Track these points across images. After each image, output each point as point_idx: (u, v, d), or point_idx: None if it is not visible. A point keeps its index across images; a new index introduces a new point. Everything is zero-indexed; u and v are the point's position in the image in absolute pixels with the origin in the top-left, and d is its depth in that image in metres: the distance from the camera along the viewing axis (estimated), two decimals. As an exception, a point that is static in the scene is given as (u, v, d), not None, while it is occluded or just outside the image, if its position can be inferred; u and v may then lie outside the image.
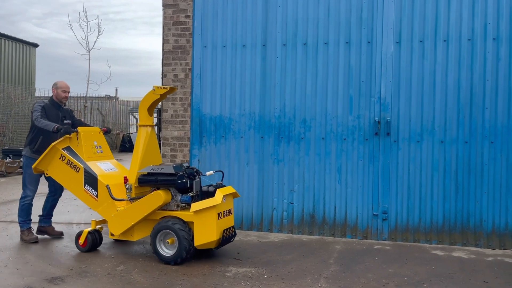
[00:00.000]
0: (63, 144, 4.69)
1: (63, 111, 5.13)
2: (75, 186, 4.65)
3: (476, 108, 4.96)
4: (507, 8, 4.88)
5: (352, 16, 5.26)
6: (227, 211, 4.37)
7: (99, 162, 4.74)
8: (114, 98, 24.17)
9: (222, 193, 4.23)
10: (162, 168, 4.34)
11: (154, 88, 4.47)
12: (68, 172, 4.64)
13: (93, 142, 4.80)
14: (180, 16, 5.73)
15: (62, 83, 5.10)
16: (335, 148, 5.31)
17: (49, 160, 4.74)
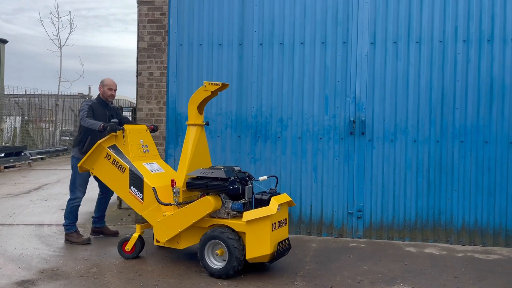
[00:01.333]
0: (109, 142, 4.42)
1: (111, 109, 4.98)
2: (120, 187, 4.40)
3: (447, 108, 5.10)
4: (477, 11, 5.03)
5: (328, 16, 5.31)
6: (282, 221, 3.95)
7: (146, 163, 4.43)
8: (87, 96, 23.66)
9: (277, 202, 3.80)
10: (213, 172, 3.98)
11: (205, 85, 4.13)
12: (113, 172, 4.39)
13: (139, 141, 4.50)
14: (155, 13, 5.65)
15: (109, 80, 4.93)
16: (311, 147, 5.35)
17: (94, 158, 4.50)
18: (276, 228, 3.84)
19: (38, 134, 16.41)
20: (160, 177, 4.34)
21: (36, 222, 5.90)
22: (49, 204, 7.06)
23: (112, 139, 4.43)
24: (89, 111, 4.70)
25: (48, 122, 17.70)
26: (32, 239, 5.05)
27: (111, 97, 4.92)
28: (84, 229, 5.56)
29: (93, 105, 4.81)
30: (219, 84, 4.12)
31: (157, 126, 4.97)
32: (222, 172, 3.96)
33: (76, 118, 18.65)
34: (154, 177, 4.28)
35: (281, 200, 3.90)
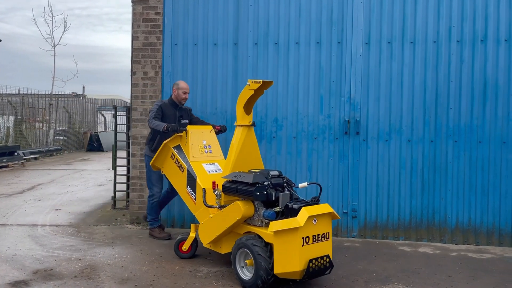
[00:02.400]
0: (174, 142, 4.49)
1: (181, 110, 5.02)
2: (180, 186, 4.43)
3: (441, 108, 5.12)
4: (471, 12, 5.06)
5: (322, 16, 5.32)
6: (320, 235, 3.52)
7: (206, 163, 4.37)
8: (81, 96, 23.55)
9: (307, 213, 3.41)
10: (243, 176, 3.80)
11: (248, 83, 3.96)
12: (176, 171, 4.45)
13: (201, 141, 4.49)
14: (150, 13, 5.63)
15: (183, 84, 5.01)
16: (306, 147, 5.36)
17: (162, 158, 4.61)
18: (310, 242, 3.44)
19: (31, 134, 16.30)
20: (217, 178, 4.19)
21: (30, 222, 5.86)
22: (42, 204, 7.02)
23: (177, 139, 4.50)
24: (157, 112, 4.81)
25: (41, 122, 17.58)
26: (26, 240, 5.02)
27: (184, 100, 4.99)
28: (78, 229, 5.53)
29: (163, 106, 4.89)
30: (260, 81, 3.91)
31: (224, 127, 4.89)
32: (251, 176, 3.74)
33: (70, 117, 18.56)
34: (209, 178, 4.19)
35: (314, 212, 3.48)
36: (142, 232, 5.37)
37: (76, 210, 6.65)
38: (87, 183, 9.45)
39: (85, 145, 18.41)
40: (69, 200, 7.41)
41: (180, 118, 4.89)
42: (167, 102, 4.98)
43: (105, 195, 7.90)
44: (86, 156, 15.91)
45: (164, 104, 4.94)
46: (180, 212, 5.60)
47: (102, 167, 12.55)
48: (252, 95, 3.98)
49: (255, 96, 4.06)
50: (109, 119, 21.86)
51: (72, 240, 5.04)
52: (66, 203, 7.19)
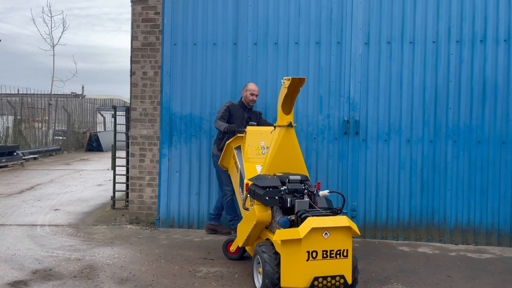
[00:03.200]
0: (236, 143, 4.55)
1: (250, 113, 5.08)
2: (236, 187, 4.50)
3: (441, 108, 5.13)
4: (470, 12, 5.07)
5: (322, 16, 5.32)
6: (334, 252, 3.15)
7: (260, 165, 4.15)
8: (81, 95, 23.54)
9: (312, 224, 3.11)
10: (261, 179, 3.64)
11: (283, 81, 3.79)
12: (234, 171, 4.49)
13: (259, 142, 4.37)
14: (149, 12, 5.63)
15: (252, 85, 5.06)
16: (306, 147, 5.36)
17: (227, 158, 4.71)
18: (317, 258, 3.12)
19: (30, 134, 16.28)
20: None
21: (29, 222, 5.86)
22: (42, 204, 7.01)
23: (239, 140, 4.52)
24: (224, 113, 4.96)
25: (41, 122, 17.56)
26: (25, 240, 5.01)
27: (252, 101, 5.03)
28: (77, 229, 5.53)
29: (231, 107, 5.01)
30: (289, 79, 3.68)
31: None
32: (266, 180, 3.58)
33: (69, 117, 18.54)
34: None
35: (324, 224, 3.15)
36: (141, 232, 5.37)
37: (75, 210, 6.65)
38: (86, 183, 9.44)
39: (84, 145, 18.40)
40: (69, 200, 7.40)
41: (248, 120, 4.94)
42: (237, 104, 5.07)
43: (104, 195, 7.89)
44: (86, 156, 15.90)
45: (233, 105, 5.05)
46: (180, 212, 5.60)
47: (101, 167, 12.54)
48: (287, 93, 3.73)
49: (291, 95, 3.79)
50: (108, 119, 21.85)
51: (71, 240, 5.04)
52: (65, 203, 7.18)
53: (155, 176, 5.65)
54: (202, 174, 5.54)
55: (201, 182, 5.55)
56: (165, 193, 5.61)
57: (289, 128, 3.79)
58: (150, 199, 5.67)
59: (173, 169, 5.60)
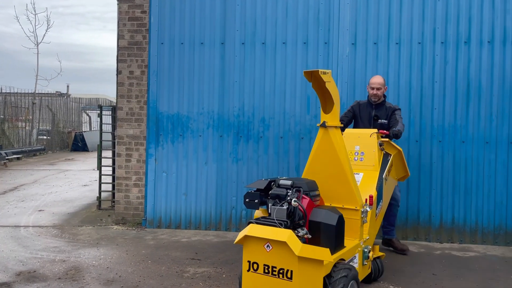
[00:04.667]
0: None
1: (379, 110, 4.49)
2: None
3: (426, 108, 5.19)
4: (455, 14, 5.14)
5: (309, 16, 5.34)
6: (275, 269, 2.77)
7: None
8: (66, 95, 23.22)
9: (247, 231, 2.87)
10: (256, 182, 3.40)
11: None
12: None
13: (354, 146, 3.99)
14: (136, 11, 5.57)
15: (373, 78, 4.54)
16: (293, 147, 5.37)
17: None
18: (258, 271, 2.85)
19: (14, 134, 16.00)
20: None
21: (12, 223, 5.75)
22: (25, 205, 6.89)
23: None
24: (346, 113, 4.61)
25: (24, 121, 17.27)
26: (8, 241, 4.92)
27: (373, 96, 4.46)
28: (62, 230, 5.45)
29: (355, 106, 4.61)
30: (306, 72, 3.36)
31: (395, 132, 4.13)
32: (257, 182, 3.35)
33: (53, 117, 18.27)
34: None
35: (263, 234, 2.81)
36: (127, 233, 5.32)
37: (60, 211, 6.55)
38: (72, 183, 9.31)
39: (69, 145, 18.15)
40: (53, 201, 7.29)
41: (376, 118, 4.42)
42: (364, 102, 4.59)
43: (90, 195, 7.80)
44: (71, 156, 15.69)
45: (360, 104, 4.60)
46: (167, 212, 5.56)
47: (87, 167, 12.39)
48: (316, 89, 3.40)
49: (319, 91, 3.39)
50: (94, 119, 21.60)
51: (56, 241, 4.97)
52: (49, 203, 7.07)
53: (141, 176, 5.61)
54: (190, 174, 5.52)
55: (188, 182, 5.52)
56: (152, 193, 5.56)
57: (328, 129, 3.32)
58: (136, 199, 5.62)
59: (160, 169, 5.56)
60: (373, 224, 3.70)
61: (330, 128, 3.33)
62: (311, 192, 3.21)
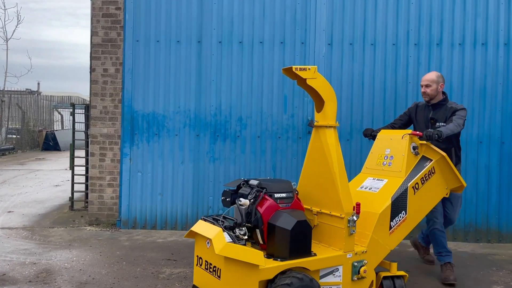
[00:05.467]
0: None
1: (437, 112, 3.91)
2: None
3: (400, 108, 5.29)
4: (427, 17, 5.26)
5: (286, 16, 5.36)
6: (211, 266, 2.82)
7: (372, 178, 3.52)
8: (36, 92, 22.55)
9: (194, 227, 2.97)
10: (232, 182, 3.32)
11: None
12: None
13: (385, 150, 3.59)
14: (110, 7, 5.46)
15: (425, 75, 3.98)
16: (270, 146, 5.39)
17: None
18: (202, 266, 2.93)
19: (-19, 132, 15.44)
20: (361, 197, 3.38)
21: (-21, 225, 5.54)
22: None
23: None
24: (402, 115, 4.16)
25: (-8, 120, 16.68)
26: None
27: (423, 95, 3.95)
28: (33, 232, 5.28)
29: (412, 109, 4.11)
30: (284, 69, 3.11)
31: (429, 133, 3.43)
32: (235, 182, 3.27)
33: (23, 115, 17.71)
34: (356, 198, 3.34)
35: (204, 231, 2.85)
36: (101, 234, 5.21)
37: (30, 212, 6.36)
38: (43, 183, 9.05)
39: (40, 144, 17.64)
40: (23, 202, 7.07)
41: (432, 121, 3.90)
42: (423, 103, 4.07)
43: (62, 196, 7.60)
44: (42, 156, 15.25)
45: (418, 105, 4.09)
46: (142, 213, 5.47)
47: (58, 167, 12.07)
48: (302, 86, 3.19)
49: (306, 88, 3.18)
50: (66, 117, 21.07)
51: (26, 243, 4.81)
52: (19, 204, 6.85)
53: (116, 176, 5.50)
54: (165, 174, 5.45)
55: (164, 182, 5.45)
56: (127, 193, 5.47)
57: (319, 129, 3.19)
58: (111, 199, 5.51)
59: (135, 168, 5.47)
60: (382, 237, 3.22)
61: (321, 128, 3.16)
62: (277, 194, 3.01)
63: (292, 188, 3.13)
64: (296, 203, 3.10)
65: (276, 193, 3.02)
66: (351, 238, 3.06)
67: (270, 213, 2.92)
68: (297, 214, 2.95)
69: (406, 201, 3.36)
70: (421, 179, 3.43)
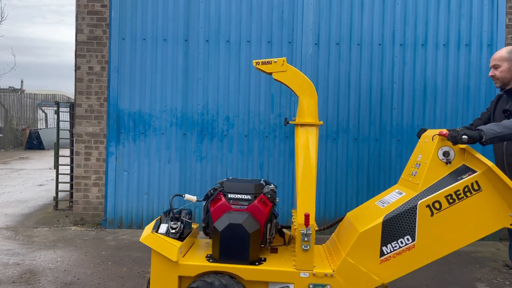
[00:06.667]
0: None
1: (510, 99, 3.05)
2: None
3: (386, 108, 5.35)
4: (413, 17, 5.33)
5: (274, 16, 5.37)
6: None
7: (397, 190, 2.86)
8: (19, 90, 22.15)
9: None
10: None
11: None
12: None
13: (418, 155, 2.85)
14: (95, 5, 5.39)
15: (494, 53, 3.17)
16: (258, 145, 5.39)
17: None
18: None
19: (-38, 131, 15.11)
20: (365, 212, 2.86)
21: (-40, 226, 5.42)
22: (-25, 207, 6.52)
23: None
24: (484, 112, 3.31)
25: (-26, 118, 16.34)
26: None
27: (494, 80, 3.11)
28: (16, 232, 5.19)
29: (493, 101, 3.24)
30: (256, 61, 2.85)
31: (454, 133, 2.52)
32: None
33: (6, 113, 17.37)
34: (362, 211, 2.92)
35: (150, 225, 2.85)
36: (86, 234, 5.15)
37: (13, 212, 6.25)
38: (26, 183, 8.90)
39: (23, 142, 17.33)
40: (6, 202, 6.94)
41: (506, 114, 3.03)
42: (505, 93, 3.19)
43: (46, 195, 7.48)
44: (25, 155, 14.99)
45: (500, 96, 3.19)
46: (128, 212, 5.43)
47: (42, 166, 11.88)
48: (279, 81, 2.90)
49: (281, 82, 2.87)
50: (50, 116, 20.74)
51: (9, 243, 4.73)
52: (2, 204, 6.73)
53: (101, 175, 5.44)
54: (152, 173, 5.41)
55: (151, 182, 5.41)
56: (113, 192, 5.41)
57: (296, 127, 2.90)
58: (96, 199, 5.45)
59: (121, 168, 5.42)
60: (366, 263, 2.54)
61: (296, 126, 2.90)
62: (231, 194, 2.85)
63: (254, 190, 2.83)
64: (254, 207, 2.77)
65: (231, 193, 2.86)
66: (305, 254, 2.58)
67: (220, 213, 2.81)
68: (238, 217, 2.69)
69: (415, 223, 2.53)
70: (447, 196, 2.50)
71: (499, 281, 3.92)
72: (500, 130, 2.56)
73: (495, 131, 2.56)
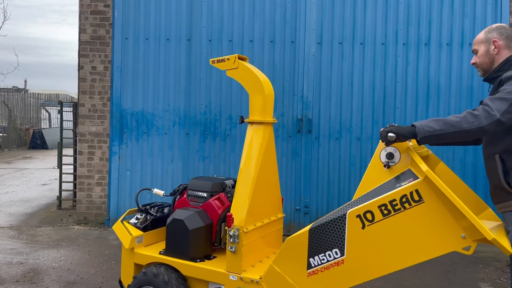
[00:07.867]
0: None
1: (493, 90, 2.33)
2: None
3: (389, 107, 5.34)
4: (416, 17, 5.31)
5: (276, 15, 5.37)
6: None
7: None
8: (23, 90, 22.25)
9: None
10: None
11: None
12: None
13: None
14: (98, 4, 5.40)
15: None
16: (260, 145, 5.38)
17: None
18: None
19: (-34, 130, 15.18)
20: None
21: (-36, 225, 5.45)
22: (-21, 206, 6.55)
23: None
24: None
25: (-22, 117, 16.41)
26: None
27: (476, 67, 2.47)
28: (20, 231, 5.21)
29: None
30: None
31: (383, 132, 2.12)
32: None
33: (10, 113, 17.44)
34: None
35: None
36: (89, 233, 5.16)
37: (17, 211, 6.28)
38: (30, 182, 8.94)
39: (27, 142, 17.40)
40: (10, 201, 6.97)
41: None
42: None
43: (49, 195, 7.51)
44: (29, 154, 15.05)
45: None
46: (131, 212, 5.43)
47: (46, 165, 11.92)
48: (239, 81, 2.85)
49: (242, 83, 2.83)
50: (54, 115, 20.81)
51: (13, 243, 4.75)
52: (6, 204, 6.76)
53: (104, 175, 5.45)
54: (155, 172, 5.42)
55: (154, 181, 5.42)
56: (116, 192, 5.43)
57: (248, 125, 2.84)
58: (99, 198, 5.47)
59: (124, 167, 5.43)
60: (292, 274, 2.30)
61: (249, 124, 2.79)
62: (192, 191, 2.90)
63: (211, 189, 2.82)
64: (208, 205, 2.78)
65: (191, 190, 2.90)
66: (234, 256, 2.48)
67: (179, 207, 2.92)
68: (183, 213, 2.73)
69: (344, 236, 2.17)
70: (381, 206, 2.06)
71: (502, 281, 3.91)
72: (439, 128, 2.01)
73: (432, 128, 2.01)
